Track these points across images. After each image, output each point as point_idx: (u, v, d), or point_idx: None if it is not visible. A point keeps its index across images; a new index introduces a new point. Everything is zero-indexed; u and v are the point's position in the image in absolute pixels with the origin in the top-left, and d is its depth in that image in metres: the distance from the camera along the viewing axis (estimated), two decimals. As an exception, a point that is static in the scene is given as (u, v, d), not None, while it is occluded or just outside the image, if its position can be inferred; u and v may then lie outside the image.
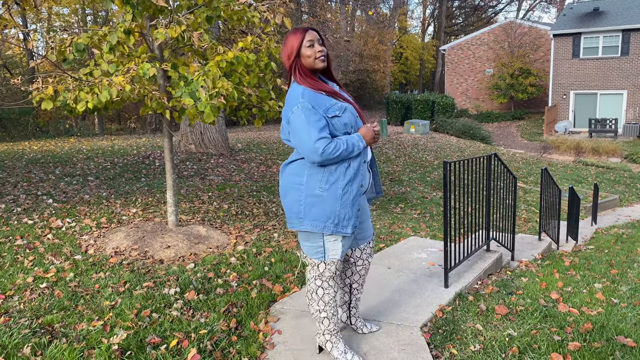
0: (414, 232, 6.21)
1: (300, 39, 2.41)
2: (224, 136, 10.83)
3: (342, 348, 2.64)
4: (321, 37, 2.48)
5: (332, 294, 2.56)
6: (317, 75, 2.52)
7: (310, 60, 2.43)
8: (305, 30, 2.44)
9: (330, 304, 2.58)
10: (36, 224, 4.90)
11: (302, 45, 2.42)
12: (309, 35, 2.42)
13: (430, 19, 46.04)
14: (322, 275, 2.54)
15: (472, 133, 22.03)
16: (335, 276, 2.55)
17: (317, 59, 2.43)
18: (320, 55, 2.43)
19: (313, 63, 2.43)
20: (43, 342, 2.74)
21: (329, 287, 2.55)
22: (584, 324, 3.12)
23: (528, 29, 28.85)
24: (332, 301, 2.57)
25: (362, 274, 2.83)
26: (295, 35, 2.42)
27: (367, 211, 2.76)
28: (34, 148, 11.20)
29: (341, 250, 2.49)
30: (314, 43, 2.42)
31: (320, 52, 2.43)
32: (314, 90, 2.41)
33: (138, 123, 24.80)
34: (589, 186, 13.82)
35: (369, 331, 2.92)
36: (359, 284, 2.86)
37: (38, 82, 3.93)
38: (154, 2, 3.84)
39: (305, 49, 2.42)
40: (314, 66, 2.44)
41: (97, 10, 26.73)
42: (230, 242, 4.85)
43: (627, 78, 23.94)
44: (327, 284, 2.55)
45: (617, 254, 5.96)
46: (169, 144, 4.67)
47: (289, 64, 2.46)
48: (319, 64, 2.44)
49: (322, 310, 2.58)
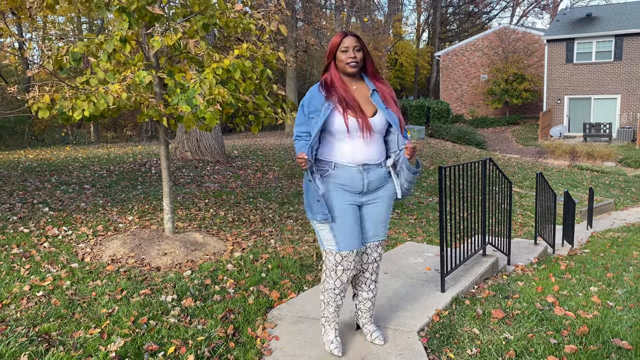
0: (411, 237, 6.22)
1: (337, 43, 2.64)
2: (220, 143, 10.84)
3: (331, 337, 2.85)
4: (361, 43, 2.66)
5: (332, 283, 2.75)
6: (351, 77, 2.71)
7: (342, 65, 2.66)
8: (343, 36, 2.64)
9: (329, 292, 2.78)
10: (32, 233, 4.89)
11: (338, 49, 2.64)
12: (346, 41, 2.63)
13: (425, 25, 46.26)
14: (325, 264, 2.76)
15: (468, 138, 22.10)
16: (337, 269, 2.71)
17: (347, 65, 2.64)
18: (350, 62, 2.63)
19: (344, 67, 2.66)
20: (40, 350, 2.73)
21: (329, 277, 2.76)
22: (580, 327, 3.14)
23: (522, 35, 29.01)
24: (332, 291, 2.77)
25: (366, 276, 2.87)
26: (335, 39, 2.66)
27: (370, 213, 2.78)
28: (30, 157, 11.18)
29: (334, 240, 2.67)
30: (348, 49, 2.62)
31: (352, 59, 2.62)
32: (321, 89, 2.67)
33: (134, 131, 24.78)
34: (584, 190, 13.88)
35: (371, 340, 2.92)
36: (362, 284, 2.88)
37: (34, 90, 3.94)
38: (150, 10, 3.86)
39: (340, 53, 2.64)
40: (344, 70, 2.66)
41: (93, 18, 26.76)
42: (227, 249, 4.85)
43: (621, 83, 24.10)
44: (329, 273, 2.75)
45: (612, 258, 5.99)
46: (165, 151, 4.68)
47: (326, 63, 2.72)
48: (349, 69, 2.65)
49: (323, 295, 2.83)
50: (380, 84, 2.74)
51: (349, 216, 2.68)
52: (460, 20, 45.89)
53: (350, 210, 2.70)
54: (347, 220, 2.68)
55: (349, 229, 2.68)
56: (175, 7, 4.57)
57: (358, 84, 2.73)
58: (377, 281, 2.92)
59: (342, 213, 2.67)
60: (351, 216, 2.69)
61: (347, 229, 2.67)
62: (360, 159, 2.67)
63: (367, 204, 2.77)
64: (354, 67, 2.64)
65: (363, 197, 2.75)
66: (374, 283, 2.90)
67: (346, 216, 2.68)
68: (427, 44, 45.00)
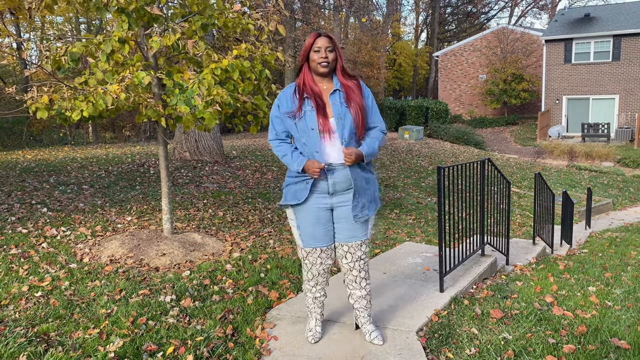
0: (409, 238, 6.23)
1: (311, 43, 2.69)
2: (218, 143, 10.84)
3: (310, 325, 3.03)
4: (334, 43, 2.70)
5: (305, 275, 2.93)
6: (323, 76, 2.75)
7: (314, 64, 2.70)
8: (316, 36, 2.69)
9: (304, 283, 2.97)
10: (31, 233, 4.89)
11: (312, 49, 2.69)
12: (319, 41, 2.68)
13: (423, 25, 46.30)
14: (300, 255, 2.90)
15: (466, 138, 22.11)
16: (305, 262, 2.87)
17: (318, 64, 2.68)
18: (321, 61, 2.67)
19: (315, 67, 2.70)
20: (39, 350, 2.73)
21: (305, 267, 2.90)
22: (579, 327, 3.14)
23: (520, 35, 29.04)
24: (306, 282, 2.94)
25: (354, 274, 2.87)
26: (308, 39, 2.71)
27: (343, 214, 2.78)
28: (28, 157, 11.16)
29: (300, 237, 2.81)
30: (321, 49, 2.67)
31: (324, 59, 2.67)
32: (294, 92, 2.73)
33: (132, 131, 24.76)
34: (582, 190, 13.89)
35: (370, 340, 2.93)
36: (352, 282, 2.89)
37: (33, 91, 3.93)
38: (149, 10, 3.86)
39: (312, 53, 2.69)
40: (316, 70, 2.71)
41: (91, 18, 26.74)
42: (226, 249, 4.85)
43: (619, 83, 24.13)
44: (303, 265, 2.92)
45: (611, 258, 6.00)
46: (164, 151, 4.68)
47: (300, 63, 2.76)
48: (320, 69, 2.69)
49: (302, 286, 3.01)
50: (348, 82, 2.75)
51: (310, 217, 2.76)
52: (459, 20, 45.92)
53: (314, 212, 2.75)
54: (308, 221, 2.77)
55: (309, 230, 2.78)
56: (173, 7, 4.57)
57: (329, 84, 2.76)
58: (367, 278, 2.91)
59: (305, 213, 2.76)
60: (312, 218, 2.76)
61: (308, 230, 2.78)
62: (323, 159, 2.70)
63: (338, 205, 2.78)
64: (325, 67, 2.68)
65: (332, 198, 2.76)
66: (364, 280, 2.90)
67: (308, 217, 2.76)
68: (425, 44, 45.04)
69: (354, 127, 2.70)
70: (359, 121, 2.70)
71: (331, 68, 2.72)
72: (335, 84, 2.74)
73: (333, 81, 2.76)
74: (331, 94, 2.72)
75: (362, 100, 2.74)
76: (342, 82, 2.74)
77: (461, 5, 43.92)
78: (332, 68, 2.72)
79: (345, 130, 2.68)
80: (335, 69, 2.75)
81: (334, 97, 2.71)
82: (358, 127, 2.70)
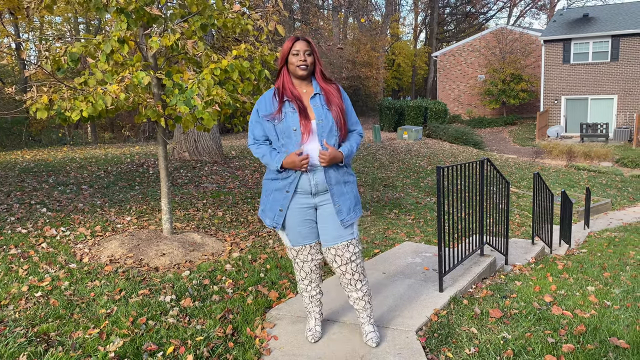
0: (409, 237, 6.24)
1: (289, 47, 2.70)
2: (217, 143, 10.84)
3: (310, 325, 3.03)
4: (312, 47, 2.73)
5: (297, 275, 2.96)
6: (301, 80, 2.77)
7: (293, 67, 2.72)
8: (294, 40, 2.71)
9: (298, 283, 3.00)
10: (30, 233, 4.89)
11: (290, 52, 2.70)
12: (297, 45, 2.70)
13: (422, 25, 46.32)
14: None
15: (465, 138, 22.13)
16: (296, 261, 2.91)
17: (297, 67, 2.71)
18: (301, 64, 2.69)
19: (294, 70, 2.72)
20: (39, 350, 2.73)
21: (297, 266, 2.93)
22: (578, 326, 3.15)
23: (519, 35, 29.07)
24: (300, 282, 2.97)
25: (347, 278, 2.84)
26: (286, 43, 2.72)
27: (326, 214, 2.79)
28: (27, 157, 11.16)
29: (287, 236, 2.86)
30: (299, 52, 2.69)
31: (302, 62, 2.69)
32: (274, 96, 2.75)
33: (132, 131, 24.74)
34: (581, 190, 13.91)
35: (365, 341, 2.92)
36: (347, 285, 2.88)
37: (32, 91, 3.94)
38: (148, 11, 3.86)
39: (291, 56, 2.71)
40: (295, 73, 2.73)
41: (90, 19, 26.72)
42: (226, 249, 4.86)
43: (617, 83, 24.17)
44: (294, 266, 2.94)
45: (609, 257, 6.01)
46: (163, 151, 4.68)
47: (279, 67, 2.78)
48: (299, 72, 2.71)
49: (299, 285, 3.01)
50: (328, 86, 2.78)
51: (296, 219, 2.79)
52: (458, 20, 45.95)
53: (298, 213, 2.78)
54: (294, 222, 2.80)
55: (296, 230, 2.81)
56: (173, 7, 4.57)
57: (308, 87, 2.79)
58: (362, 280, 2.87)
59: (290, 216, 2.79)
60: (298, 219, 2.79)
61: (295, 230, 2.81)
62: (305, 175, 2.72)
63: (321, 205, 2.79)
64: (304, 70, 2.70)
65: (315, 198, 2.78)
66: (359, 282, 2.85)
67: (293, 219, 2.79)
68: (424, 44, 45.08)
69: (336, 129, 2.73)
70: (340, 123, 2.75)
71: (310, 71, 2.74)
72: (315, 87, 2.77)
73: (312, 85, 2.79)
74: (312, 98, 2.75)
75: (342, 104, 2.78)
76: (322, 86, 2.78)
77: (460, 5, 43.96)
78: (310, 71, 2.75)
79: (326, 131, 2.71)
80: (314, 72, 2.78)
81: (314, 100, 2.75)
82: (339, 128, 2.74)
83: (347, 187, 2.81)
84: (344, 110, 2.78)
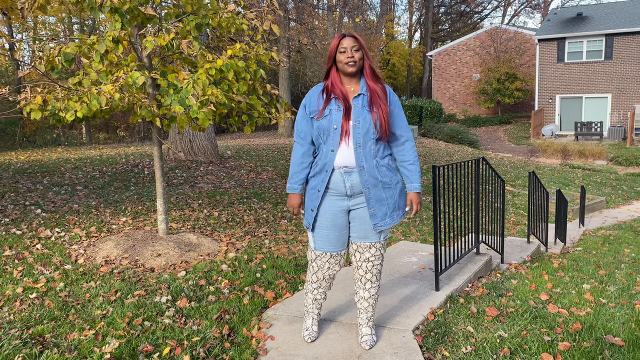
0: (405, 237, 6.24)
1: (336, 45, 2.68)
2: (213, 143, 10.82)
3: (307, 324, 3.04)
4: (360, 42, 2.69)
5: (310, 276, 2.93)
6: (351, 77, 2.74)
7: (341, 65, 2.68)
8: (341, 37, 2.68)
9: (307, 283, 2.98)
10: (25, 234, 4.86)
11: (337, 50, 2.68)
12: (344, 42, 2.66)
13: (417, 25, 46.37)
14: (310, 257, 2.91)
15: (460, 137, 22.18)
16: (313, 264, 2.87)
17: (346, 64, 2.66)
18: (349, 61, 2.65)
19: (343, 67, 2.68)
20: (34, 352, 2.72)
21: (312, 269, 2.90)
22: (573, 324, 3.16)
23: (513, 34, 29.16)
24: (310, 283, 2.94)
25: (360, 274, 2.86)
26: (333, 41, 2.70)
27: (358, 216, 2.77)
28: (21, 158, 11.10)
29: (313, 239, 2.81)
30: (346, 49, 2.65)
31: (350, 58, 2.65)
32: (322, 92, 2.73)
33: (126, 132, 24.66)
34: (576, 189, 13.97)
35: (359, 342, 2.92)
36: (357, 280, 2.89)
37: (26, 92, 3.91)
38: (142, 10, 3.85)
39: (339, 54, 2.68)
40: (344, 70, 2.68)
41: (84, 19, 26.62)
42: (221, 250, 4.84)
43: (611, 82, 24.28)
44: (309, 265, 2.92)
45: (604, 255, 6.04)
46: (159, 151, 4.66)
47: (327, 66, 2.76)
48: (348, 69, 2.67)
49: (305, 285, 3.02)
50: (375, 85, 2.71)
51: (326, 220, 2.75)
52: (452, 20, 46.04)
53: (330, 216, 2.74)
54: (323, 223, 2.76)
55: (323, 233, 2.77)
56: (167, 7, 4.56)
57: (356, 86, 2.73)
58: (373, 282, 2.85)
59: (322, 217, 2.75)
60: (328, 221, 2.75)
61: (322, 233, 2.77)
62: (340, 162, 2.68)
63: (355, 207, 2.76)
64: (353, 66, 2.65)
65: (350, 200, 2.74)
66: (369, 282, 2.85)
67: (323, 219, 2.76)
68: (419, 43, 45.12)
69: (373, 131, 2.65)
70: (382, 127, 2.66)
71: (359, 67, 2.69)
72: (362, 87, 2.71)
73: (360, 83, 2.73)
74: (355, 97, 2.69)
75: (386, 107, 2.69)
76: (369, 86, 2.71)
77: (454, 4, 44.04)
78: (359, 67, 2.69)
79: (362, 133, 2.64)
80: (362, 69, 2.73)
81: (357, 100, 2.68)
82: (379, 131, 2.66)
83: (388, 192, 2.73)
84: (387, 113, 2.68)
